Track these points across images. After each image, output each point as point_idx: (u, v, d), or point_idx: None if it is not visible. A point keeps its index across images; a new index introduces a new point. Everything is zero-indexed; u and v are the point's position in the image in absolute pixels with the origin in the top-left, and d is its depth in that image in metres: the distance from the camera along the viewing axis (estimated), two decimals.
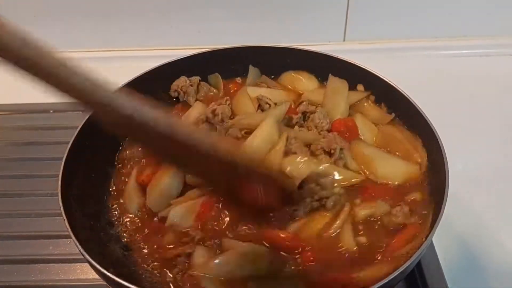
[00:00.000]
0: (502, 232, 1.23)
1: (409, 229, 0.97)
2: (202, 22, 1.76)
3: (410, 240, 0.94)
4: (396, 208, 0.99)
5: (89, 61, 1.96)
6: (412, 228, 0.97)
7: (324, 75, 1.28)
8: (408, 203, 1.01)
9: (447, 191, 0.94)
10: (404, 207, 0.99)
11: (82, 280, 1.13)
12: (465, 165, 1.40)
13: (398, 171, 1.07)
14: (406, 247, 0.93)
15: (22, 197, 1.31)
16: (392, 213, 0.99)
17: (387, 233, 0.98)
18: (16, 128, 1.53)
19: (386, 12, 1.74)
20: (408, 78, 1.22)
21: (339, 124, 1.15)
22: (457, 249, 1.20)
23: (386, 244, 0.96)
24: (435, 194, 1.00)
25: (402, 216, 0.98)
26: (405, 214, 0.98)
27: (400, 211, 0.99)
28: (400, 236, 0.96)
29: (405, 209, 0.99)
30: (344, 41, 1.80)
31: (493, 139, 1.47)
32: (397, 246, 0.94)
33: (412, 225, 0.97)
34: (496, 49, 1.77)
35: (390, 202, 1.02)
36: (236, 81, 1.32)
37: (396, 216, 0.98)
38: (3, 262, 1.17)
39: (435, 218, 0.92)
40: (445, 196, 0.93)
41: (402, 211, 0.98)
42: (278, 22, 1.76)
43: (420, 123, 1.09)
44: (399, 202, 1.01)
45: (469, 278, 1.15)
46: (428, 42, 1.79)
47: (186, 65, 1.28)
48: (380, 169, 1.07)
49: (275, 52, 1.30)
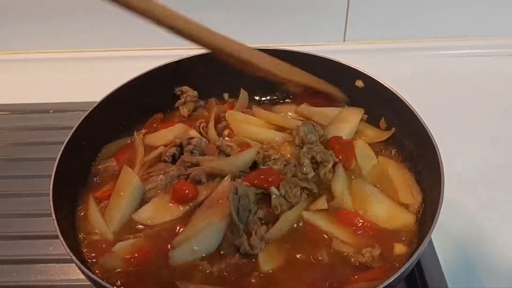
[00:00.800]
0: (501, 232, 1.23)
1: (371, 272, 0.94)
2: (202, 22, 1.75)
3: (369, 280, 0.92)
4: (367, 249, 0.97)
5: (89, 61, 1.99)
6: (374, 273, 0.94)
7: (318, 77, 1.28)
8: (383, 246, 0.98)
9: (443, 193, 0.93)
10: (374, 250, 0.96)
11: (82, 280, 1.13)
12: (465, 165, 1.40)
13: (391, 218, 1.03)
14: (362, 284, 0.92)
15: (22, 197, 1.32)
16: (361, 252, 0.97)
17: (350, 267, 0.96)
18: (15, 128, 1.53)
19: (386, 12, 1.74)
20: (408, 78, 1.22)
21: (334, 142, 1.14)
22: (457, 249, 1.20)
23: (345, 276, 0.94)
24: (430, 198, 1.00)
25: (368, 258, 0.96)
26: (373, 257, 0.95)
27: (368, 253, 0.96)
28: (361, 275, 0.94)
29: (374, 252, 0.96)
30: (344, 41, 1.80)
31: (493, 139, 1.47)
32: (355, 281, 0.93)
33: (375, 270, 0.95)
34: (496, 49, 1.77)
35: (367, 240, 0.99)
36: (229, 103, 1.33)
37: (363, 256, 0.96)
38: (3, 262, 1.18)
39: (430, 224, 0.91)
40: (441, 198, 0.93)
41: (371, 254, 0.96)
42: (278, 23, 1.76)
43: (413, 124, 1.08)
44: (374, 244, 0.98)
45: (469, 278, 1.15)
46: (428, 42, 1.80)
47: (187, 65, 1.28)
48: (373, 210, 1.04)
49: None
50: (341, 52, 1.29)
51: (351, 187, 1.08)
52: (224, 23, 1.76)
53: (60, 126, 1.47)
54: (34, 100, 1.59)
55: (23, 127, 1.53)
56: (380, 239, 0.99)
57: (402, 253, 0.97)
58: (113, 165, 1.15)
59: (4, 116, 1.57)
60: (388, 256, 0.97)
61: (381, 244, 0.98)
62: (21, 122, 1.54)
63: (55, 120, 1.52)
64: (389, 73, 1.21)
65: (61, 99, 1.58)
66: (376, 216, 1.03)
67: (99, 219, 1.03)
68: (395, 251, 0.98)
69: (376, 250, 0.97)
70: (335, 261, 0.97)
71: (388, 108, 1.18)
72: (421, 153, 1.10)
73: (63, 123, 1.45)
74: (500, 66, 1.73)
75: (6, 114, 1.58)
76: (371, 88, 1.20)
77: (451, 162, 0.98)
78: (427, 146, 1.04)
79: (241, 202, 0.99)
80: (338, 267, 0.96)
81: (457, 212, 1.25)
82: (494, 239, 1.22)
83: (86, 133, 1.11)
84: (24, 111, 1.58)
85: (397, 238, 1.00)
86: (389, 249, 0.98)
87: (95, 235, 1.02)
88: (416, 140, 1.12)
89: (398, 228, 1.02)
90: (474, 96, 1.60)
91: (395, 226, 1.02)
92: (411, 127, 1.11)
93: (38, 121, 1.53)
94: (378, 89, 1.17)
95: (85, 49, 1.80)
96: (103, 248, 0.99)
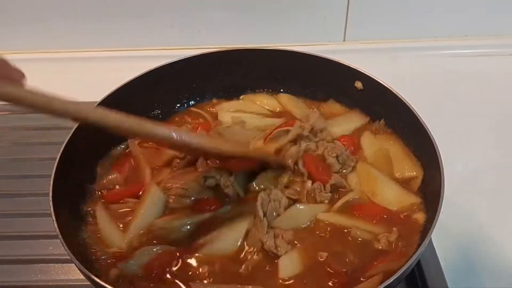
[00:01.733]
0: (501, 232, 1.23)
1: (388, 256, 0.96)
2: (202, 22, 1.76)
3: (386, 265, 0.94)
4: (383, 234, 0.99)
5: (89, 61, 1.98)
6: (390, 257, 0.96)
7: (318, 77, 1.29)
8: (399, 229, 1.00)
9: (443, 193, 0.94)
10: (391, 235, 0.98)
11: (82, 280, 1.13)
12: (465, 165, 1.40)
13: (397, 199, 1.06)
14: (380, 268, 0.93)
15: (22, 197, 1.32)
16: (377, 238, 0.99)
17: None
18: (16, 128, 1.53)
19: (386, 12, 1.74)
20: (408, 78, 1.22)
21: (342, 138, 1.18)
22: (457, 249, 1.20)
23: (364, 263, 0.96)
24: (431, 198, 1.00)
25: (385, 244, 0.97)
26: (389, 242, 0.97)
27: (385, 238, 0.98)
28: (380, 260, 0.96)
29: (391, 237, 0.98)
30: (344, 41, 1.80)
31: (493, 139, 1.47)
32: (375, 267, 0.94)
33: (392, 253, 0.97)
34: (496, 49, 1.77)
35: (384, 224, 1.02)
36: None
37: (379, 242, 0.98)
38: (3, 262, 1.17)
39: (430, 222, 0.92)
40: (441, 198, 0.93)
41: (387, 239, 0.98)
42: (278, 23, 1.76)
43: (413, 124, 1.09)
44: (391, 228, 1.00)
45: (469, 278, 1.15)
46: (428, 42, 1.80)
47: (187, 65, 1.28)
48: (380, 192, 1.07)
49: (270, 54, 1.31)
50: (341, 52, 1.29)
51: (358, 173, 1.11)
52: (224, 23, 1.77)
53: (61, 126, 1.46)
54: None
55: (23, 127, 1.53)
56: (396, 223, 1.01)
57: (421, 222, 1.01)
58: (116, 177, 1.14)
59: (4, 116, 1.57)
60: (403, 234, 0.99)
61: (398, 227, 1.00)
62: (21, 122, 1.54)
63: (55, 120, 1.50)
64: (389, 73, 1.21)
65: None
66: (385, 199, 1.05)
67: (112, 229, 1.03)
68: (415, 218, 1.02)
69: (393, 234, 0.98)
70: (355, 250, 0.98)
71: (388, 108, 1.18)
72: (421, 153, 1.10)
73: (63, 123, 1.44)
74: (500, 66, 1.73)
75: (6, 114, 1.58)
76: (371, 88, 1.20)
77: (451, 162, 0.98)
78: (427, 146, 1.04)
79: (271, 203, 1.00)
80: (359, 255, 0.97)
81: (457, 212, 1.25)
82: (494, 239, 1.22)
83: (85, 133, 1.10)
84: (24, 111, 1.57)
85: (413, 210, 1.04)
86: (407, 228, 1.00)
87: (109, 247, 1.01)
88: (416, 141, 1.12)
89: (407, 208, 1.04)
90: (474, 96, 1.60)
91: (404, 205, 1.05)
92: (411, 127, 1.11)
93: (38, 121, 1.53)
94: (378, 89, 1.17)
95: (85, 49, 1.80)
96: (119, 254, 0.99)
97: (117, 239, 1.01)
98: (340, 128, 1.22)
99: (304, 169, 1.08)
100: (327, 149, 1.12)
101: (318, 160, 1.10)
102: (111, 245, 1.01)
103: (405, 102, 1.11)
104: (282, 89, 1.35)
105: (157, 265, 0.96)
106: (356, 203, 1.06)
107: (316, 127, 1.17)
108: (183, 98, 1.33)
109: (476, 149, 1.44)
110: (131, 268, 0.95)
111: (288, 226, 1.01)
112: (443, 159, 0.99)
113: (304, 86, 1.33)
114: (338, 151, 1.11)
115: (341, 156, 1.11)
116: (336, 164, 1.11)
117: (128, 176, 1.15)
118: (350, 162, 1.12)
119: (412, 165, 1.12)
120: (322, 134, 1.17)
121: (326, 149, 1.12)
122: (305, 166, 1.08)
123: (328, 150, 1.11)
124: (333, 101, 1.30)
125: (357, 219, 1.03)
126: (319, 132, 1.17)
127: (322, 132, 1.17)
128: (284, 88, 1.35)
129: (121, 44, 1.79)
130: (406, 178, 1.10)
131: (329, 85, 1.29)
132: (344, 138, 1.19)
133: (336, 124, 1.23)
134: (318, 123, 1.17)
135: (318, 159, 1.11)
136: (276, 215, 1.01)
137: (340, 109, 1.29)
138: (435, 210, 0.92)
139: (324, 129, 1.18)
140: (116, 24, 1.74)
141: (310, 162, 1.09)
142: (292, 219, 1.02)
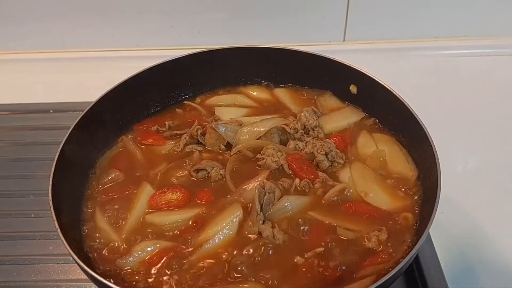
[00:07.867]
0: (501, 232, 1.23)
1: (378, 256, 0.97)
2: (202, 22, 1.76)
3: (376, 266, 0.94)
4: (373, 233, 0.99)
5: (89, 61, 1.98)
6: (380, 257, 0.96)
7: (316, 77, 1.29)
8: (390, 228, 1.00)
9: (439, 193, 0.94)
10: (381, 234, 0.98)
11: (82, 280, 1.13)
12: (465, 165, 1.40)
13: (389, 199, 1.07)
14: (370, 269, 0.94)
15: (22, 197, 1.32)
16: (367, 237, 0.99)
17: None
18: (16, 128, 1.53)
19: (386, 12, 1.74)
20: (408, 78, 1.22)
21: (334, 137, 1.19)
22: (457, 249, 1.20)
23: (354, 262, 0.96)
24: (427, 197, 1.00)
25: (375, 243, 0.98)
26: (380, 241, 0.98)
27: (375, 237, 0.98)
28: (370, 260, 0.96)
29: (381, 236, 0.98)
30: (344, 41, 1.81)
31: (493, 139, 1.47)
32: (366, 266, 0.95)
33: (380, 254, 0.97)
34: (496, 49, 1.77)
35: (374, 223, 1.02)
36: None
37: (368, 241, 0.98)
38: (3, 262, 1.18)
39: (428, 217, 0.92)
40: (437, 199, 0.93)
41: (377, 238, 0.98)
42: (278, 23, 1.76)
43: (412, 123, 1.09)
44: (381, 227, 1.00)
45: (469, 277, 1.15)
46: (428, 42, 1.80)
47: (186, 64, 1.28)
48: (372, 192, 1.07)
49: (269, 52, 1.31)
50: (341, 52, 1.29)
51: (353, 173, 1.12)
52: (224, 23, 1.77)
53: (60, 126, 1.46)
54: (34, 100, 1.59)
55: (23, 127, 1.53)
56: (386, 222, 1.01)
57: (410, 223, 1.00)
58: (117, 175, 1.14)
59: (4, 116, 1.57)
60: (396, 237, 0.99)
61: (388, 226, 1.00)
62: (21, 122, 1.54)
63: (55, 120, 1.52)
64: (389, 73, 1.21)
65: (61, 99, 1.58)
66: (377, 199, 1.06)
67: (110, 227, 1.04)
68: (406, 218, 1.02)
69: (383, 234, 0.98)
70: (345, 249, 0.98)
71: (387, 108, 1.18)
72: (419, 153, 1.10)
73: (63, 123, 1.44)
74: (500, 66, 1.73)
75: (6, 114, 1.58)
76: (371, 88, 1.20)
77: (451, 162, 0.98)
78: (424, 146, 1.04)
79: (266, 196, 1.02)
80: (349, 254, 0.97)
81: (457, 212, 1.25)
82: (494, 239, 1.22)
83: (82, 132, 1.12)
84: (24, 111, 1.58)
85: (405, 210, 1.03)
86: (397, 228, 1.00)
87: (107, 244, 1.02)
88: (413, 141, 1.12)
89: (400, 208, 1.04)
90: (474, 96, 1.60)
91: (396, 207, 1.05)
92: (409, 127, 1.11)
93: (38, 121, 1.53)
94: (378, 89, 1.17)
95: (85, 49, 1.80)
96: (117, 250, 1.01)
97: (115, 236, 1.02)
98: (334, 124, 1.23)
99: (289, 169, 1.10)
100: (317, 147, 1.13)
101: (302, 160, 1.11)
102: (109, 242, 1.02)
103: (404, 102, 1.11)
104: (279, 85, 1.35)
105: (156, 261, 0.98)
106: (348, 200, 1.06)
107: (308, 126, 1.18)
108: (180, 93, 1.34)
109: (476, 149, 1.44)
110: (130, 264, 0.97)
111: (280, 216, 1.03)
112: (443, 159, 0.99)
113: (301, 83, 1.33)
114: (327, 149, 1.12)
115: (330, 153, 1.12)
116: (326, 161, 1.12)
117: (126, 172, 1.14)
118: (339, 160, 1.13)
119: (408, 165, 1.12)
120: (314, 132, 1.18)
121: (316, 146, 1.13)
122: (289, 166, 1.10)
123: (317, 148, 1.12)
124: (330, 95, 1.30)
125: (347, 217, 1.03)
126: (311, 130, 1.18)
127: (314, 130, 1.18)
128: (281, 83, 1.35)
129: (121, 44, 1.79)
130: (401, 178, 1.10)
131: (327, 83, 1.30)
132: (335, 136, 1.19)
133: (330, 120, 1.23)
134: (311, 121, 1.18)
135: (303, 158, 1.12)
136: (271, 206, 1.03)
137: (336, 104, 1.29)
138: (431, 209, 0.92)
139: (317, 127, 1.19)
140: (116, 24, 1.74)
141: (293, 163, 1.10)
142: (283, 210, 1.04)
